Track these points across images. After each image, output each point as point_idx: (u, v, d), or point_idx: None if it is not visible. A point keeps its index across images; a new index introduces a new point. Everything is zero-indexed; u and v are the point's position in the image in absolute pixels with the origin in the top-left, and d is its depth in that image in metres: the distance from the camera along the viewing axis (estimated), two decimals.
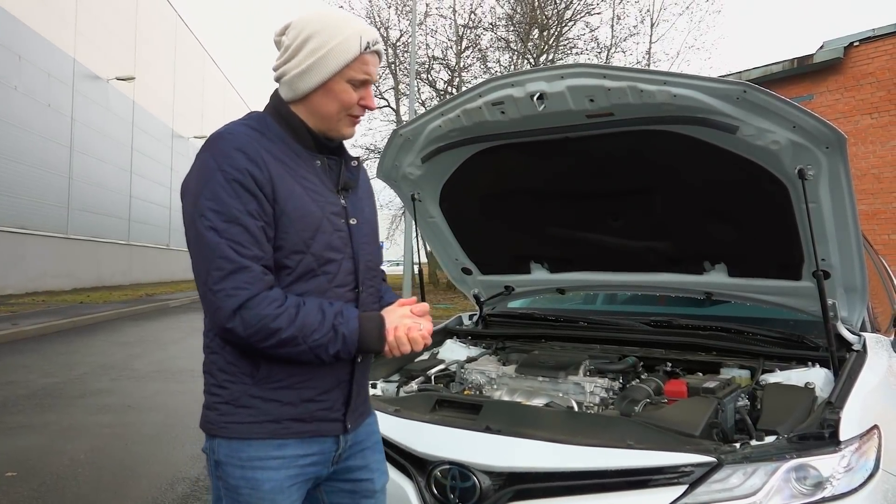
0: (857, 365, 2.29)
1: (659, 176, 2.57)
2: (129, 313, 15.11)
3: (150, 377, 7.64)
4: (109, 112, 23.83)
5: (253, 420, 1.50)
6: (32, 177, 18.74)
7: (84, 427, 5.44)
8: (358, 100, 1.56)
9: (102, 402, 6.35)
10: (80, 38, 21.51)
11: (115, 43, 24.27)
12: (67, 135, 20.76)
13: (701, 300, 3.08)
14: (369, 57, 1.55)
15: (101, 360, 8.81)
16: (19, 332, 10.61)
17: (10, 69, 17.68)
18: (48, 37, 19.51)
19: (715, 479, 1.80)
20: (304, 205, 1.50)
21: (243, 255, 1.41)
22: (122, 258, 24.90)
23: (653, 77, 2.19)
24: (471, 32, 24.11)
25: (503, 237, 3.15)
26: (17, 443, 4.95)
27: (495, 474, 1.94)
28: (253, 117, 1.57)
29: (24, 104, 18.30)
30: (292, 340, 1.43)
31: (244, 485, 1.50)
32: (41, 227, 19.08)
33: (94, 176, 22.61)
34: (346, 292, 1.57)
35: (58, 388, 6.90)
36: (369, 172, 1.99)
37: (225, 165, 1.43)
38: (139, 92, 26.04)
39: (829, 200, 2.27)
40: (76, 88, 21.30)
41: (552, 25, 23.69)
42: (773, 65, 11.92)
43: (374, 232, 1.70)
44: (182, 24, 31.86)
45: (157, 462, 4.59)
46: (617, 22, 24.05)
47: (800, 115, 2.09)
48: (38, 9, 18.98)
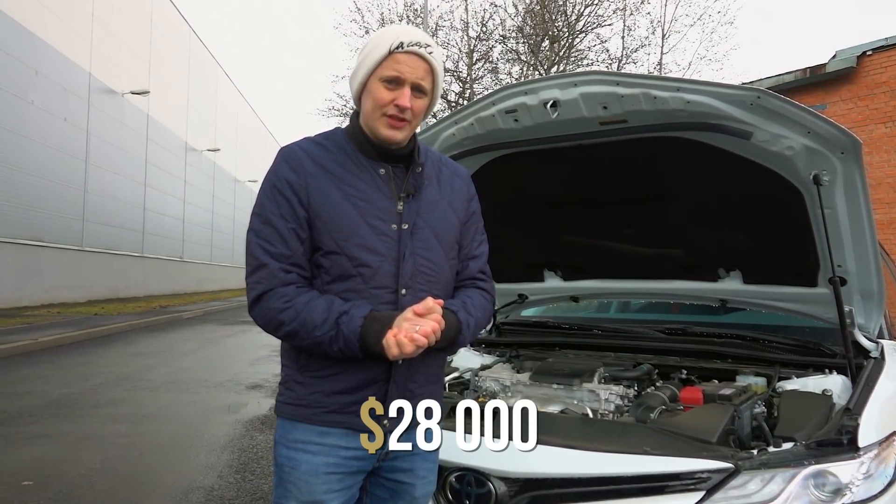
0: (875, 372, 2.28)
1: (673, 183, 2.57)
2: (144, 325, 15.19)
3: (165, 388, 7.67)
4: (124, 125, 24.08)
5: (291, 402, 1.67)
6: (48, 190, 18.94)
7: (99, 437, 5.47)
8: (391, 99, 1.60)
9: (117, 412, 6.38)
10: (96, 53, 21.78)
11: (130, 57, 24.56)
12: (83, 148, 20.99)
13: (717, 308, 3.06)
14: (402, 56, 1.59)
15: (116, 370, 8.86)
16: (35, 343, 10.69)
17: (26, 84, 17.91)
18: (64, 52, 19.78)
19: (732, 485, 1.79)
20: (340, 210, 1.60)
21: (269, 253, 1.58)
22: (137, 270, 25.07)
23: (666, 84, 2.19)
24: (482, 45, 24.22)
25: (516, 245, 3.15)
26: (33, 452, 4.99)
27: (511, 480, 1.93)
28: (326, 131, 1.74)
29: (40, 118, 18.53)
30: (295, 334, 1.57)
31: (286, 463, 1.65)
32: (57, 240, 19.25)
33: (109, 189, 22.82)
34: (384, 294, 1.61)
35: (73, 398, 6.95)
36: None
37: (272, 174, 1.64)
38: (153, 105, 26.31)
39: (844, 206, 2.26)
40: (91, 102, 21.55)
41: (563, 37, 23.76)
42: (786, 74, 11.90)
43: (437, 238, 1.69)
44: (195, 39, 32.22)
45: (171, 472, 4.60)
46: (628, 33, 24.10)
47: (814, 121, 2.09)
48: (55, 24, 19.25)
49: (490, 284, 1.85)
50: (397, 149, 1.68)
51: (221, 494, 4.11)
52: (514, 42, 24.24)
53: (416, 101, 1.63)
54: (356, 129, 1.69)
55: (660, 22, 25.78)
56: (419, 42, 1.60)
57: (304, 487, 1.63)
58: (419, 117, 1.67)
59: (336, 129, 1.75)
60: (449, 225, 1.74)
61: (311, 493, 1.62)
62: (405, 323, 1.52)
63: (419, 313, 1.52)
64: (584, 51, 24.15)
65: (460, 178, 1.82)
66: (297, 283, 1.60)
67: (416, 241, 1.66)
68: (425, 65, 1.62)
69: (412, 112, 1.62)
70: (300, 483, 1.63)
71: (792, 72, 11.79)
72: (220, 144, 33.96)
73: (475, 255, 1.82)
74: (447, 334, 1.60)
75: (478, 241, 1.84)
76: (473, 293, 1.77)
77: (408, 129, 1.65)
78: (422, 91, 1.63)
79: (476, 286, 1.80)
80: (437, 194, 1.74)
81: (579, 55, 24.06)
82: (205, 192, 33.73)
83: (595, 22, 23.62)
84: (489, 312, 1.81)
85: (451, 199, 1.76)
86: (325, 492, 1.63)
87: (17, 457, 4.87)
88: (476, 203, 1.87)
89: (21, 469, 4.56)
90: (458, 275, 1.80)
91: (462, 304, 1.71)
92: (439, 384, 1.80)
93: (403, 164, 1.70)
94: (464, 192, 1.81)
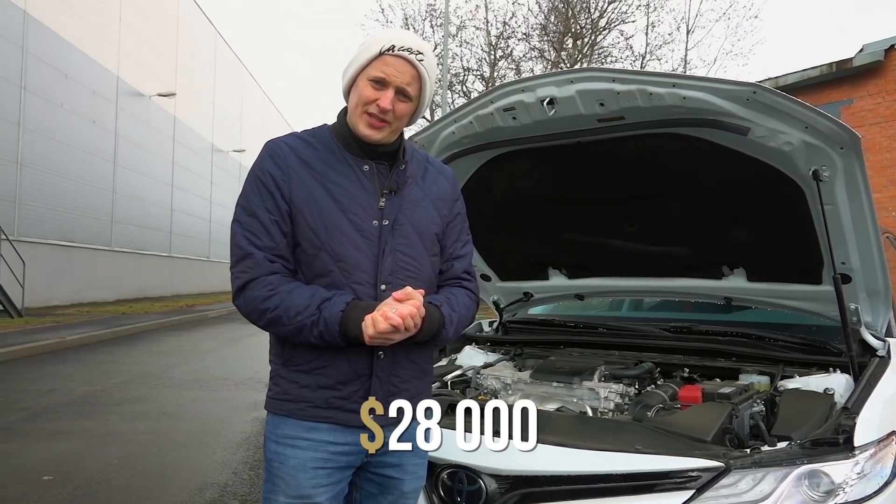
0: (878, 370, 2.24)
1: (673, 180, 2.55)
2: (169, 324, 15.43)
3: (186, 386, 7.79)
4: (151, 127, 24.47)
5: (277, 397, 1.69)
6: (78, 191, 19.34)
7: (120, 433, 5.57)
8: (374, 99, 1.63)
9: (139, 409, 6.50)
10: (124, 57, 22.16)
11: (157, 60, 24.95)
12: (111, 150, 21.38)
13: (724, 306, 3.03)
14: (391, 59, 1.62)
15: (140, 368, 9.01)
16: (63, 341, 10.92)
17: (57, 87, 18.30)
18: (93, 56, 20.17)
19: (723, 484, 1.78)
20: (321, 205, 1.63)
21: (253, 244, 1.62)
22: (164, 270, 25.46)
23: (661, 80, 2.18)
24: (504, 43, 24.14)
25: (521, 243, 3.15)
26: (55, 448, 5.09)
27: (501, 477, 1.94)
28: (313, 128, 1.77)
29: (70, 121, 18.92)
30: (278, 320, 1.59)
31: (274, 458, 1.68)
32: (86, 241, 19.64)
33: (137, 190, 23.22)
34: (363, 289, 1.63)
35: (97, 395, 7.08)
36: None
37: (256, 168, 1.68)
38: (180, 107, 26.70)
39: (846, 202, 2.23)
40: (119, 105, 21.93)
41: (586, 34, 23.60)
42: (811, 69, 11.68)
43: (419, 234, 1.71)
44: (221, 41, 32.61)
45: (187, 468, 4.68)
46: (651, 29, 23.84)
47: (812, 116, 2.06)
48: (84, 29, 19.63)
49: (474, 284, 1.86)
50: (382, 146, 1.70)
51: (235, 490, 4.17)
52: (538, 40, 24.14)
53: (400, 105, 1.65)
54: (342, 126, 1.72)
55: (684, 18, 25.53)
56: (410, 48, 1.62)
57: (292, 482, 1.64)
58: (401, 120, 1.69)
59: (323, 125, 1.78)
60: (431, 222, 1.75)
61: (299, 487, 1.64)
62: (384, 307, 1.54)
63: (398, 299, 1.55)
64: (607, 48, 23.97)
65: (446, 178, 1.84)
66: (282, 273, 1.63)
67: (396, 237, 1.68)
68: (413, 70, 1.64)
69: (393, 114, 1.65)
70: (288, 478, 1.65)
71: (817, 66, 11.57)
72: (246, 145, 34.31)
73: (460, 255, 1.83)
74: (429, 328, 1.62)
75: (462, 242, 1.85)
76: (458, 291, 1.79)
77: (387, 130, 1.67)
78: (406, 96, 1.65)
79: (460, 285, 1.81)
80: (420, 192, 1.76)
81: (603, 52, 23.88)
82: (231, 192, 34.11)
83: (618, 18, 23.42)
84: (472, 311, 1.82)
85: (434, 197, 1.78)
86: (313, 486, 1.65)
87: (40, 452, 4.98)
88: (461, 204, 1.87)
89: (42, 464, 4.67)
90: (443, 274, 1.81)
91: (446, 299, 1.72)
92: (426, 380, 1.80)
93: (387, 161, 1.72)
94: (448, 192, 1.82)
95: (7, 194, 16.21)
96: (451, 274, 1.81)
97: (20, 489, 4.18)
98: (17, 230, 16.37)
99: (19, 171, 16.73)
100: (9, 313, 14.12)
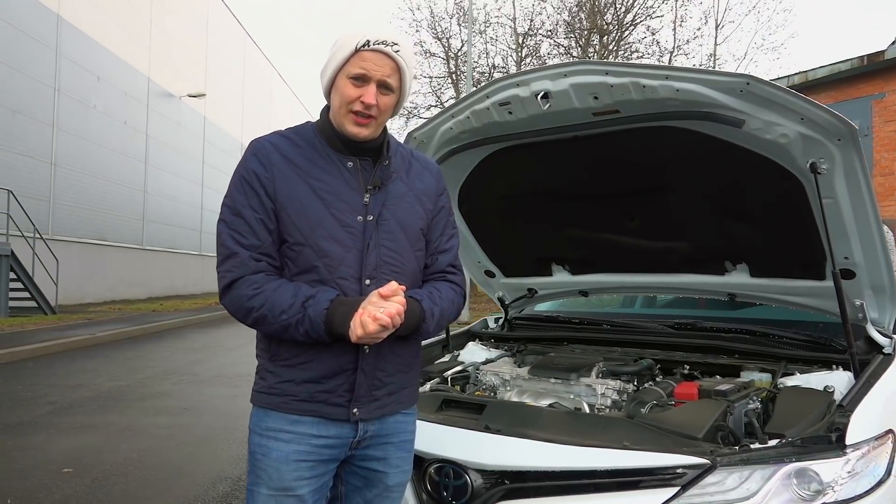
0: (881, 368, 2.19)
1: (672, 174, 2.52)
2: (197, 321, 15.67)
3: (209, 381, 7.90)
4: (181, 127, 24.85)
5: (263, 391, 1.71)
6: (110, 191, 19.74)
7: (140, 428, 5.68)
8: (358, 96, 1.64)
9: (161, 404, 6.61)
10: (154, 58, 22.53)
11: (187, 61, 25.32)
12: (143, 150, 21.77)
13: (735, 303, 2.98)
14: (368, 54, 1.62)
15: (165, 365, 9.17)
16: (93, 338, 11.16)
17: (89, 89, 18.70)
18: (124, 58, 20.54)
19: (709, 481, 1.75)
20: (305, 202, 1.65)
21: (239, 243, 1.63)
22: (195, 268, 25.85)
23: (654, 72, 2.15)
24: (530, 40, 24.04)
25: (523, 239, 3.14)
26: (77, 442, 5.21)
27: (487, 473, 1.94)
28: (296, 126, 1.79)
29: (102, 122, 19.32)
30: (264, 319, 1.61)
31: (258, 450, 1.69)
32: (119, 239, 20.04)
33: (168, 189, 23.60)
34: (348, 284, 1.64)
35: (121, 391, 7.23)
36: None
37: (241, 167, 1.69)
38: (209, 107, 27.05)
39: (846, 195, 2.17)
40: (150, 106, 22.32)
41: (612, 30, 23.38)
42: (842, 62, 11.41)
43: (403, 229, 1.72)
44: (250, 41, 32.95)
45: (203, 462, 4.75)
46: (680, 24, 23.53)
47: (807, 107, 2.01)
48: (115, 32, 20.00)
49: (460, 277, 1.86)
50: (366, 142, 1.70)
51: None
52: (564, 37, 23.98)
53: (383, 98, 1.66)
54: (325, 124, 1.73)
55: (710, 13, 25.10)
56: (385, 40, 1.63)
57: (275, 474, 1.66)
58: (386, 114, 1.70)
59: (307, 123, 1.80)
60: (416, 217, 1.76)
61: (281, 479, 1.66)
62: (369, 306, 1.54)
63: (384, 295, 1.55)
64: (633, 44, 23.72)
65: (430, 173, 1.85)
66: (267, 272, 1.65)
67: (381, 232, 1.69)
68: (391, 62, 1.65)
69: (378, 108, 1.66)
70: (270, 470, 1.66)
71: (848, 60, 11.30)
72: None
73: (445, 249, 1.83)
74: (409, 322, 1.62)
75: (448, 235, 1.85)
76: (442, 285, 1.79)
77: (374, 126, 1.68)
78: (388, 88, 1.66)
79: (445, 279, 1.81)
80: (404, 187, 1.76)
81: (630, 48, 23.65)
82: None
83: (645, 13, 23.16)
84: (458, 304, 1.81)
85: (419, 192, 1.79)
86: (296, 479, 1.66)
87: (63, 446, 5.10)
88: (446, 198, 1.88)
89: (64, 457, 4.78)
90: (428, 268, 1.81)
91: (428, 293, 1.73)
92: (411, 373, 1.81)
93: (371, 157, 1.73)
94: (433, 187, 1.83)
95: (41, 194, 16.61)
96: (436, 268, 1.81)
97: (40, 480, 4.29)
98: (51, 229, 16.77)
99: (53, 172, 17.13)
100: (42, 310, 14.47)
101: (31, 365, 8.86)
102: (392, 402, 1.74)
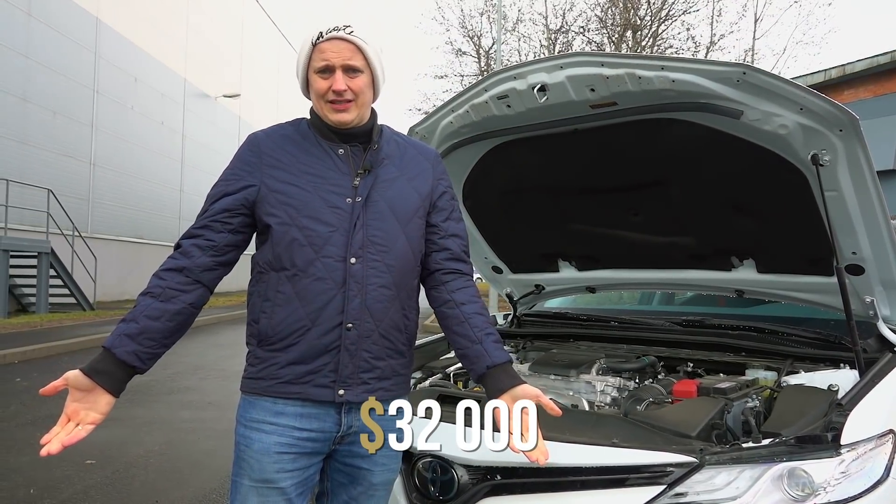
0: (887, 366, 2.11)
1: (673, 167, 2.47)
2: (229, 318, 15.90)
3: (236, 377, 7.87)
4: (216, 128, 25.24)
5: (250, 377, 1.73)
6: (148, 190, 20.17)
7: (165, 421, 5.79)
8: (328, 87, 1.70)
9: (187, 398, 6.73)
10: (191, 60, 22.93)
11: (223, 63, 25.71)
12: (179, 150, 22.19)
13: (748, 300, 2.92)
14: (324, 45, 1.69)
15: (195, 360, 9.32)
16: None
17: (127, 91, 19.12)
18: (161, 59, 20.94)
19: (697, 479, 1.71)
20: (294, 185, 1.70)
21: (189, 233, 1.75)
22: None
23: (650, 63, 2.10)
24: (562, 37, 23.85)
25: (528, 234, 3.11)
26: (101, 434, 5.29)
27: (473, 468, 1.92)
28: (292, 120, 1.85)
29: (140, 123, 19.74)
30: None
31: (241, 441, 1.71)
32: (155, 237, 20.44)
33: (203, 188, 23.65)
34: (333, 262, 1.67)
35: (150, 385, 7.36)
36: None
37: (235, 157, 1.79)
38: (244, 108, 27.43)
39: (851, 188, 2.10)
40: (186, 106, 22.73)
41: (646, 26, 23.07)
42: (881, 55, 11.08)
43: (392, 210, 1.74)
44: (285, 42, 33.30)
45: (222, 456, 4.81)
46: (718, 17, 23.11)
47: (805, 97, 1.95)
48: (152, 34, 20.41)
49: (469, 267, 1.89)
50: (355, 129, 1.75)
51: None
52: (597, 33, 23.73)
53: (353, 81, 1.70)
54: (315, 116, 1.80)
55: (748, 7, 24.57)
56: (336, 27, 1.69)
57: (256, 466, 1.67)
58: (364, 94, 1.73)
59: (301, 118, 1.86)
60: (407, 199, 1.77)
61: (263, 471, 1.66)
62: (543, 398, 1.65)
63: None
64: (668, 39, 23.37)
65: (426, 158, 1.87)
66: (189, 259, 1.72)
67: (369, 212, 1.71)
68: (349, 45, 1.69)
69: (352, 91, 1.70)
70: (252, 461, 1.67)
71: (888, 52, 10.98)
72: None
73: (455, 233, 1.86)
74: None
75: (455, 219, 1.88)
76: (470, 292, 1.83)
77: (355, 109, 1.73)
78: (354, 70, 1.71)
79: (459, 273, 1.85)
80: (396, 171, 1.79)
81: (664, 43, 23.30)
82: None
83: (681, 8, 22.80)
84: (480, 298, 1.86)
85: (411, 175, 1.81)
86: (277, 471, 1.66)
87: (88, 438, 4.98)
88: (447, 182, 1.90)
89: (88, 449, 4.88)
90: (441, 253, 1.83)
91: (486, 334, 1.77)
92: (403, 361, 1.79)
93: (362, 143, 1.78)
94: (428, 171, 1.85)
95: (81, 193, 17.04)
96: (450, 255, 1.83)
97: (63, 471, 4.39)
98: (90, 227, 17.20)
99: (92, 171, 17.56)
100: (81, 306, 14.85)
101: (67, 359, 9.08)
102: (380, 389, 1.71)
